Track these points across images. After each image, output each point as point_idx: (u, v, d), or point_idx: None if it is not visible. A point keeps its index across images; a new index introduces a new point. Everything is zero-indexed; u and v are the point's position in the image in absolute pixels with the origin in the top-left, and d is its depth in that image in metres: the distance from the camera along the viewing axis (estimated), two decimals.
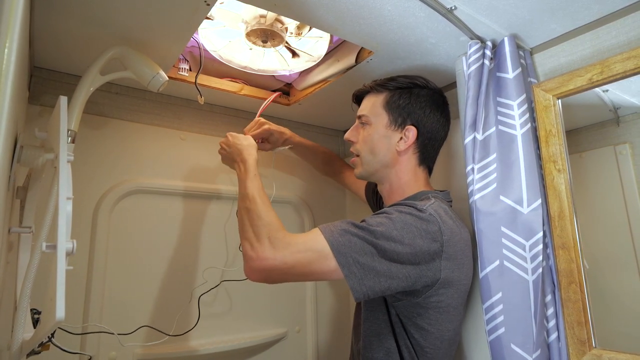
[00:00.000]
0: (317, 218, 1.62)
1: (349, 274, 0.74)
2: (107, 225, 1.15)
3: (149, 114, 1.31)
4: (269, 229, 0.80)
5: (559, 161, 0.89)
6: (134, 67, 0.98)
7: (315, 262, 0.75)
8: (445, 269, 0.81)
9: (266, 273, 0.77)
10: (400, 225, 0.78)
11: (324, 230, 0.78)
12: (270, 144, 1.29)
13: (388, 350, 0.86)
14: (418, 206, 0.83)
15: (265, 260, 0.76)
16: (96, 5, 0.86)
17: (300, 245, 0.76)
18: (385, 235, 0.76)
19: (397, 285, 0.77)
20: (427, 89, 1.00)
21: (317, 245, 0.76)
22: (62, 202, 0.59)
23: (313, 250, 0.75)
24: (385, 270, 0.75)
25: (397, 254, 0.76)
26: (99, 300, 1.11)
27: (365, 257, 0.75)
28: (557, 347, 0.86)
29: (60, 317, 0.50)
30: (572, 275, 0.85)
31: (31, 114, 1.10)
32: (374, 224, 0.78)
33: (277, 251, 0.76)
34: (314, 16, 0.91)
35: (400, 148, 0.96)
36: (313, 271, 0.76)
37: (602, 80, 0.84)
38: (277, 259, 0.75)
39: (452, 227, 0.83)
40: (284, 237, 0.78)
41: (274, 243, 0.77)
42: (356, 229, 0.78)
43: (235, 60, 1.22)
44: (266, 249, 0.77)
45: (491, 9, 0.90)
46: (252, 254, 0.78)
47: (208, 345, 1.25)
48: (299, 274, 0.77)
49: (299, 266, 0.76)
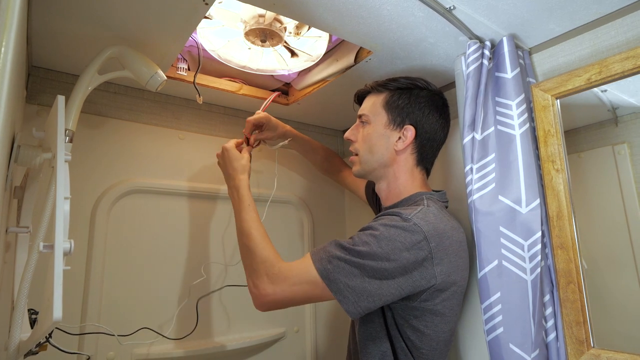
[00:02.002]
0: (315, 217, 1.62)
1: (342, 299, 0.78)
2: (105, 225, 1.15)
3: (147, 114, 1.30)
4: (266, 266, 0.86)
5: (558, 161, 0.89)
6: (132, 66, 0.98)
7: (311, 292, 0.81)
8: (440, 275, 0.81)
9: (271, 306, 0.84)
10: (385, 242, 0.79)
11: (314, 259, 0.82)
12: (270, 131, 1.28)
13: (384, 353, 0.87)
14: (403, 215, 0.83)
15: (267, 297, 0.83)
16: (94, 4, 0.85)
17: (295, 278, 0.82)
18: (371, 254, 0.79)
19: (392, 299, 0.80)
20: (427, 90, 1.00)
21: (310, 276, 0.80)
22: (59, 202, 0.59)
23: (307, 282, 0.81)
24: (376, 289, 0.78)
25: (385, 270, 0.78)
26: (96, 300, 1.10)
27: (355, 279, 0.78)
28: (555, 346, 0.86)
29: (57, 318, 0.50)
30: (570, 275, 0.85)
31: (29, 114, 1.09)
32: (360, 244, 0.81)
33: (276, 286, 0.82)
34: (313, 16, 0.91)
35: (398, 147, 0.96)
36: (312, 299, 0.83)
37: (601, 80, 0.84)
38: (277, 294, 0.82)
39: (442, 232, 0.83)
40: (279, 271, 0.84)
41: (272, 279, 0.83)
42: (343, 252, 0.81)
43: (233, 59, 1.21)
44: (266, 286, 0.83)
45: (490, 9, 0.90)
46: (255, 292, 0.85)
47: (207, 345, 1.24)
48: (301, 302, 0.84)
49: (298, 297, 0.82)
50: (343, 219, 1.74)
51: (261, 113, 1.24)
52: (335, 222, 1.71)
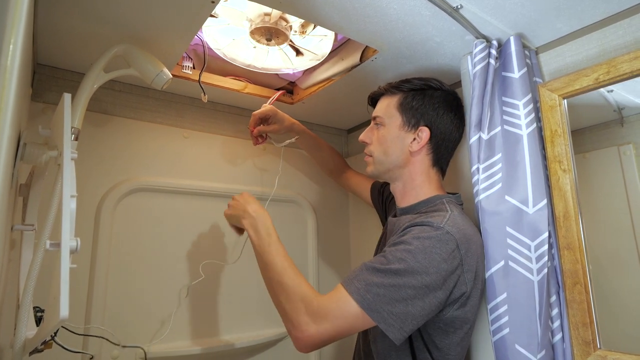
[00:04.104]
0: (320, 217, 1.62)
1: (387, 328, 0.74)
2: (110, 223, 1.15)
3: (152, 112, 1.30)
4: (305, 303, 0.80)
5: (565, 161, 0.88)
6: (138, 64, 0.98)
7: (355, 325, 0.77)
8: (469, 282, 0.81)
9: (317, 346, 0.78)
10: (421, 255, 0.77)
11: (350, 290, 0.77)
12: (276, 124, 1.28)
13: None
14: (434, 224, 0.80)
15: (312, 338, 0.77)
16: (100, 2, 0.85)
17: (336, 312, 0.77)
18: (409, 271, 0.76)
19: (433, 314, 0.78)
20: (441, 90, 0.99)
21: (351, 308, 0.76)
22: (66, 200, 0.59)
23: (349, 315, 0.76)
24: (419, 310, 0.75)
25: (426, 286, 0.75)
26: (101, 298, 1.10)
27: (398, 305, 0.75)
28: (561, 347, 0.85)
29: (64, 316, 0.50)
30: (577, 275, 0.84)
31: (34, 111, 1.09)
32: (395, 261, 0.77)
33: (319, 325, 0.77)
34: (319, 14, 0.90)
35: (413, 149, 0.96)
36: (356, 330, 0.78)
37: (609, 80, 0.83)
38: (321, 333, 0.77)
39: (470, 237, 0.83)
40: (319, 307, 0.78)
41: (314, 317, 0.78)
42: (379, 276, 0.77)
43: (239, 58, 1.21)
44: (309, 326, 0.77)
45: (497, 8, 0.89)
46: (298, 335, 0.79)
47: (210, 345, 1.24)
48: (345, 335, 0.78)
49: (342, 332, 0.77)
50: (347, 220, 1.74)
51: (267, 106, 1.24)
52: (340, 223, 1.71)
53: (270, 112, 1.24)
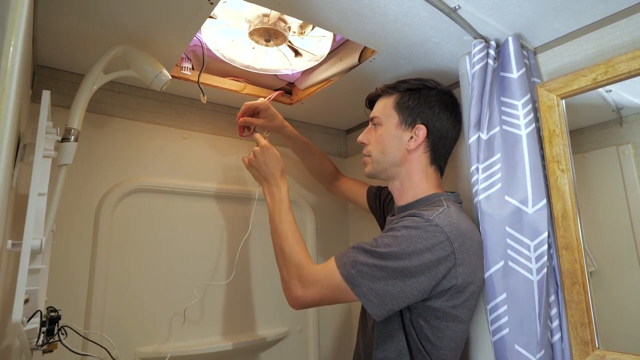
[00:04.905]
0: (318, 218, 1.62)
1: (367, 302, 0.81)
2: (109, 224, 1.15)
3: (151, 113, 1.31)
4: (297, 269, 0.91)
5: (563, 161, 0.89)
6: (137, 65, 0.98)
7: (338, 296, 0.85)
8: (461, 275, 0.82)
9: (302, 306, 0.90)
10: (406, 241, 0.81)
11: (338, 264, 0.85)
12: (265, 119, 1.28)
13: (400, 351, 0.87)
14: (425, 216, 0.84)
15: (299, 299, 0.89)
16: (99, 4, 0.85)
17: (322, 281, 0.86)
18: (393, 255, 0.81)
19: (415, 299, 0.82)
20: (436, 89, 1.00)
21: (335, 280, 0.84)
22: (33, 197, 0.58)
23: (333, 286, 0.85)
24: (399, 291, 0.80)
25: (407, 269, 0.79)
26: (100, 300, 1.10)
27: (379, 283, 0.80)
28: (560, 347, 0.85)
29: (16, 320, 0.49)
30: (575, 275, 0.84)
31: (34, 113, 1.09)
32: (382, 245, 0.83)
33: (306, 290, 0.88)
34: (317, 15, 0.90)
35: (410, 147, 0.97)
36: (339, 301, 0.87)
37: (607, 80, 0.83)
38: (307, 297, 0.88)
39: (465, 232, 0.84)
40: (309, 275, 0.89)
41: (303, 282, 0.89)
42: (366, 255, 0.83)
43: (237, 59, 1.21)
44: (298, 289, 0.89)
45: (495, 9, 0.90)
46: (287, 294, 0.92)
47: (210, 345, 1.24)
48: (329, 303, 0.89)
49: (326, 299, 0.87)
50: (346, 221, 1.74)
51: (261, 99, 1.24)
52: (339, 224, 1.71)
53: (262, 106, 1.24)
